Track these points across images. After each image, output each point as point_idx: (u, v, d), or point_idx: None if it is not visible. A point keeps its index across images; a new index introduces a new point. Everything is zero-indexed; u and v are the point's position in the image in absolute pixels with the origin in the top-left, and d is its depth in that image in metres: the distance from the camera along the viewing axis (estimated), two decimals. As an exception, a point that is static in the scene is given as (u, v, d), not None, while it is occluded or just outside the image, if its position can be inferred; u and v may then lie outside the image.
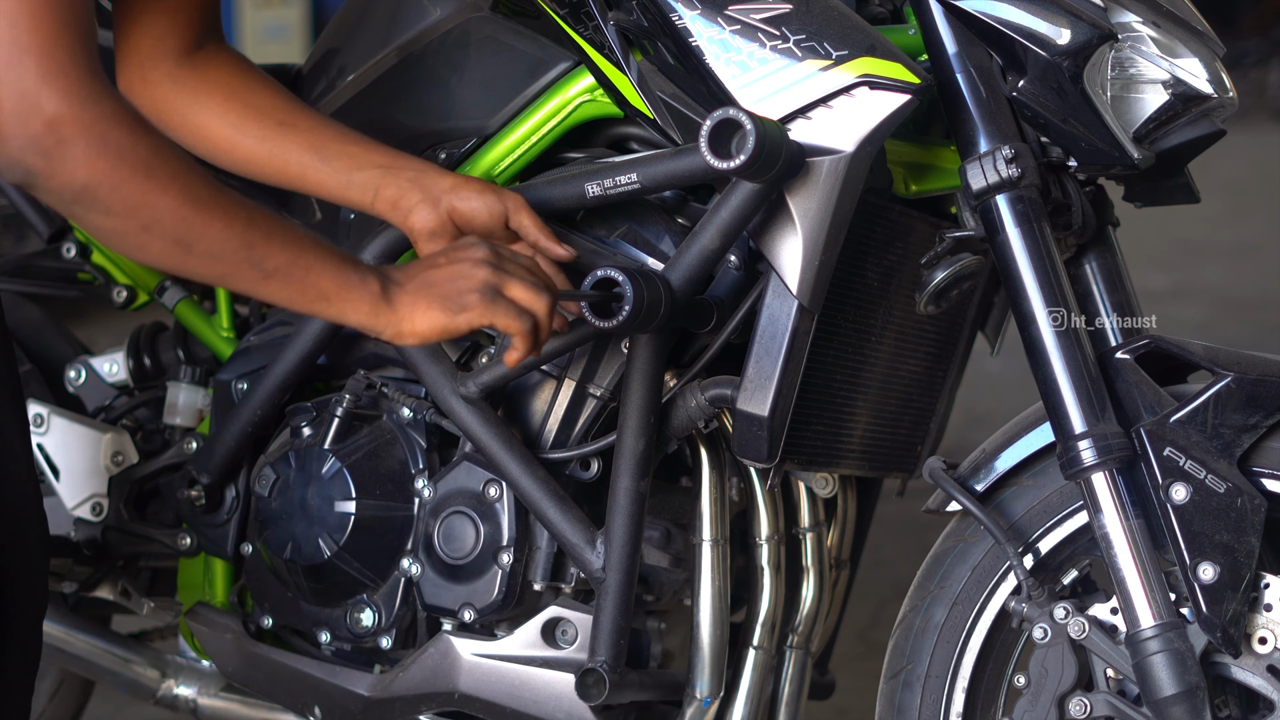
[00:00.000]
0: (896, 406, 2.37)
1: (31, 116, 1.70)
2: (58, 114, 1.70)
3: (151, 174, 1.75)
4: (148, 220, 1.77)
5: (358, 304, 1.92)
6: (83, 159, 1.72)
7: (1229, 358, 2.05)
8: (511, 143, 2.24)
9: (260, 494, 2.33)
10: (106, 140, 1.72)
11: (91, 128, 1.72)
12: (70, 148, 1.71)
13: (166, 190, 1.76)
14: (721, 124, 1.96)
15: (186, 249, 1.80)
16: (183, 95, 2.15)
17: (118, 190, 1.74)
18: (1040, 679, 2.09)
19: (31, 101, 1.69)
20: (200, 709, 2.57)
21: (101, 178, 1.73)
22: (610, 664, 2.15)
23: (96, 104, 1.72)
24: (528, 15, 2.24)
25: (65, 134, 1.71)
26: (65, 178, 1.72)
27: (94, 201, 1.74)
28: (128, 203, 1.75)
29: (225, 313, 2.54)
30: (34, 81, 1.70)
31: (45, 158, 1.71)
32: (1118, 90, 2.08)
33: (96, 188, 1.73)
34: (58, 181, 1.72)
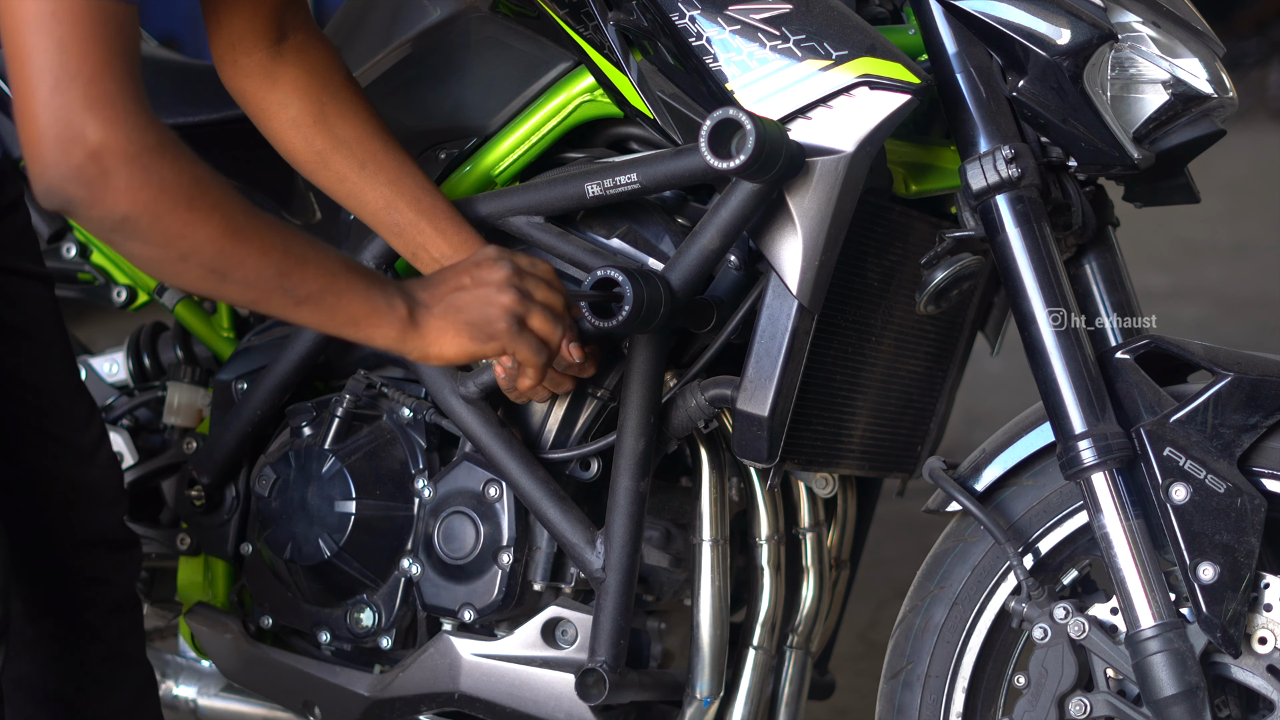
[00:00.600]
0: (896, 406, 2.37)
1: (75, 145, 1.68)
2: (102, 144, 1.69)
3: (193, 206, 1.74)
4: (186, 251, 1.76)
5: (386, 329, 1.93)
6: (124, 190, 1.70)
7: (1229, 358, 2.05)
8: (512, 143, 2.24)
9: (260, 494, 2.33)
10: (149, 172, 1.71)
11: (135, 159, 1.70)
12: (113, 179, 1.70)
13: (207, 221, 1.76)
14: (721, 124, 1.96)
15: (222, 277, 1.80)
16: (273, 97, 2.14)
17: (158, 221, 1.73)
18: (1040, 679, 2.09)
19: (76, 130, 1.68)
20: (200, 709, 2.57)
21: (143, 210, 1.72)
22: (610, 664, 2.15)
23: (142, 134, 1.71)
24: (528, 15, 2.24)
25: (108, 165, 1.69)
26: (106, 208, 1.71)
27: (133, 232, 1.73)
28: (167, 234, 1.74)
29: (225, 313, 2.54)
30: (79, 109, 1.68)
31: (87, 188, 1.70)
32: (1118, 90, 2.08)
33: (138, 219, 1.72)
34: (98, 211, 1.71)
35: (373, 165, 2.15)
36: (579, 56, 2.19)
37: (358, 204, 2.17)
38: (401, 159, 2.17)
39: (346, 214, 2.38)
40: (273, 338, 2.42)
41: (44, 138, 1.68)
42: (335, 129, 2.15)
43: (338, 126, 2.15)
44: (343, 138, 2.15)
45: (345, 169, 2.15)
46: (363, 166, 2.15)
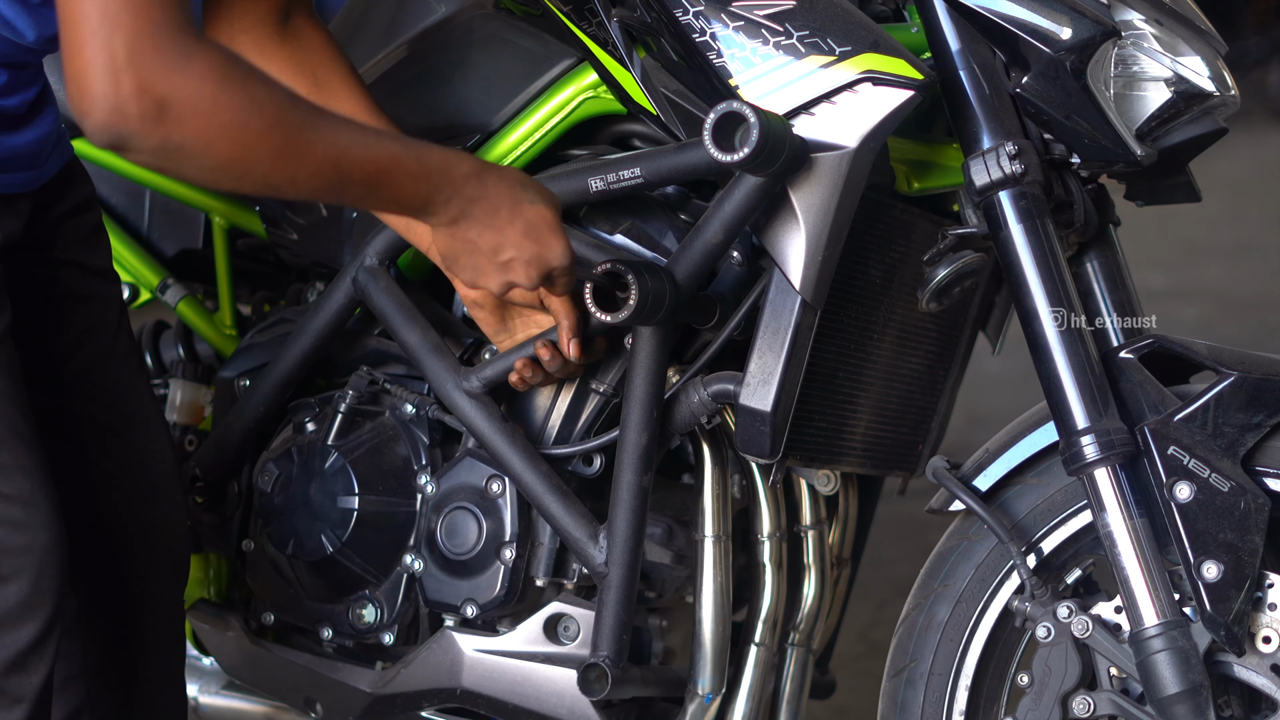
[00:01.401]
0: (898, 404, 2.37)
1: (124, 77, 1.66)
2: (151, 75, 1.67)
3: (247, 130, 1.73)
4: (240, 173, 1.76)
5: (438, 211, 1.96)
6: (175, 121, 1.68)
7: (1233, 357, 2.05)
8: (515, 139, 2.24)
9: (263, 490, 2.33)
10: (200, 100, 1.69)
11: (184, 88, 1.68)
12: (165, 111, 1.68)
13: (259, 145, 1.74)
14: (725, 117, 1.96)
15: (276, 190, 1.82)
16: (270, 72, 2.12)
17: (211, 149, 1.72)
18: (1044, 678, 2.08)
19: (125, 61, 1.66)
20: (202, 707, 2.57)
21: (194, 139, 1.70)
22: (612, 659, 2.15)
23: (190, 63, 1.69)
24: (531, 12, 2.24)
25: (160, 96, 1.67)
26: (158, 139, 1.69)
27: (187, 159, 1.72)
28: (221, 159, 1.73)
29: (227, 310, 2.54)
30: (128, 40, 1.66)
31: (140, 121, 1.67)
32: (1120, 88, 2.08)
33: (190, 148, 1.71)
34: (151, 143, 1.69)
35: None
36: (582, 53, 2.19)
37: None
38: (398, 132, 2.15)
39: (349, 213, 2.38)
40: (275, 335, 2.42)
41: (93, 69, 1.66)
42: (329, 101, 2.13)
43: (332, 101, 2.13)
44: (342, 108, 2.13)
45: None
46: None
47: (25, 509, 1.93)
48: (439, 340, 2.24)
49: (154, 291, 2.56)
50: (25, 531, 1.93)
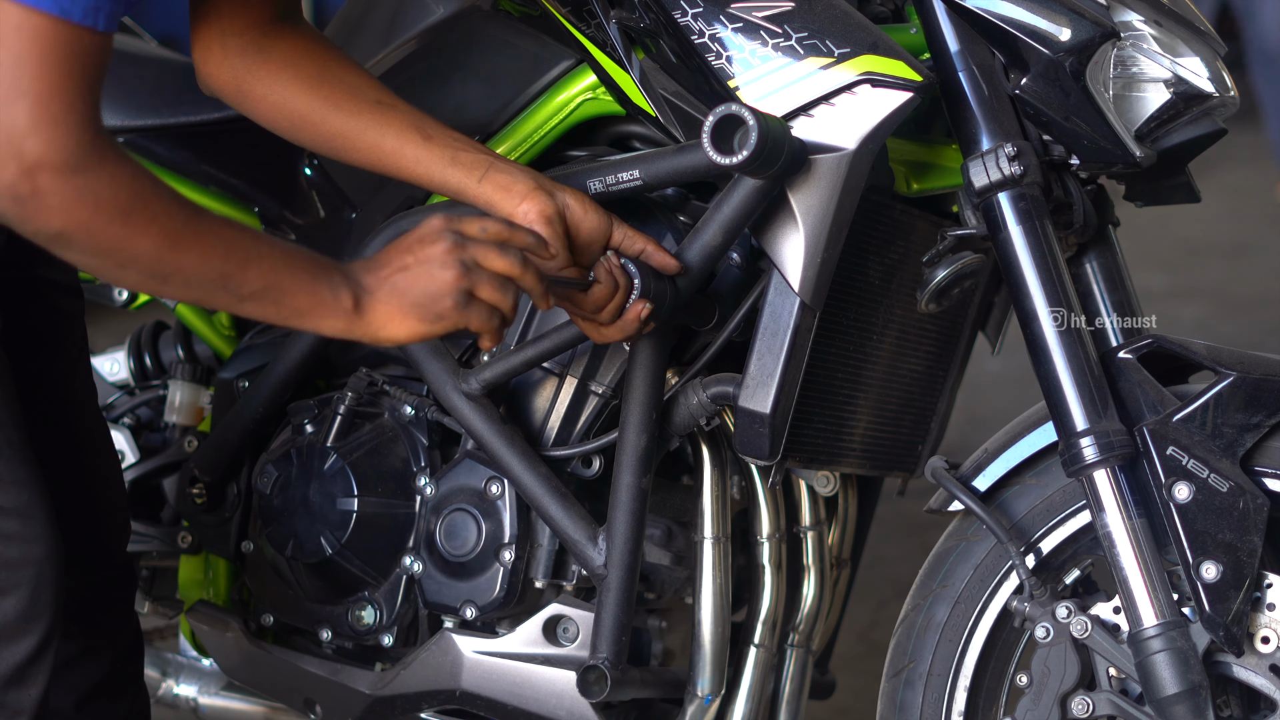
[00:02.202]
0: (898, 405, 2.37)
1: (10, 161, 1.67)
2: (38, 162, 1.67)
3: (129, 221, 1.73)
4: (123, 260, 1.75)
5: (332, 320, 1.88)
6: (58, 208, 1.69)
7: (1232, 357, 2.05)
8: (514, 140, 2.24)
9: (262, 491, 2.33)
10: (85, 191, 1.70)
11: (70, 179, 1.69)
12: (46, 198, 1.68)
13: (144, 234, 1.74)
14: (724, 119, 1.96)
15: (162, 280, 1.79)
16: (268, 65, 2.09)
17: (93, 237, 1.72)
18: (1043, 678, 2.09)
19: (16, 146, 1.66)
20: (201, 708, 2.57)
21: (76, 226, 1.71)
22: (612, 661, 2.15)
23: (82, 154, 1.69)
24: (530, 13, 2.24)
25: (41, 184, 1.68)
26: (39, 224, 1.70)
27: (69, 245, 1.73)
28: (102, 248, 1.73)
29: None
30: (23, 126, 1.66)
31: (19, 204, 1.68)
32: (1119, 89, 2.08)
33: (71, 235, 1.71)
34: (31, 226, 1.70)
35: (388, 99, 2.11)
36: (581, 54, 2.19)
37: (378, 135, 2.10)
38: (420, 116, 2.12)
39: (349, 212, 2.38)
40: (274, 336, 2.42)
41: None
42: (341, 76, 2.11)
43: (342, 74, 2.11)
44: (350, 83, 2.11)
45: (359, 106, 2.10)
46: (378, 102, 2.10)
47: (21, 521, 1.93)
48: (438, 342, 2.24)
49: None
50: (22, 544, 1.93)
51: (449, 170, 2.08)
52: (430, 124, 2.09)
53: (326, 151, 2.13)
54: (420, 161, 2.09)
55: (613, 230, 2.07)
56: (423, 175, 2.09)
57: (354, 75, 2.12)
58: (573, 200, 2.05)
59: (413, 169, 2.09)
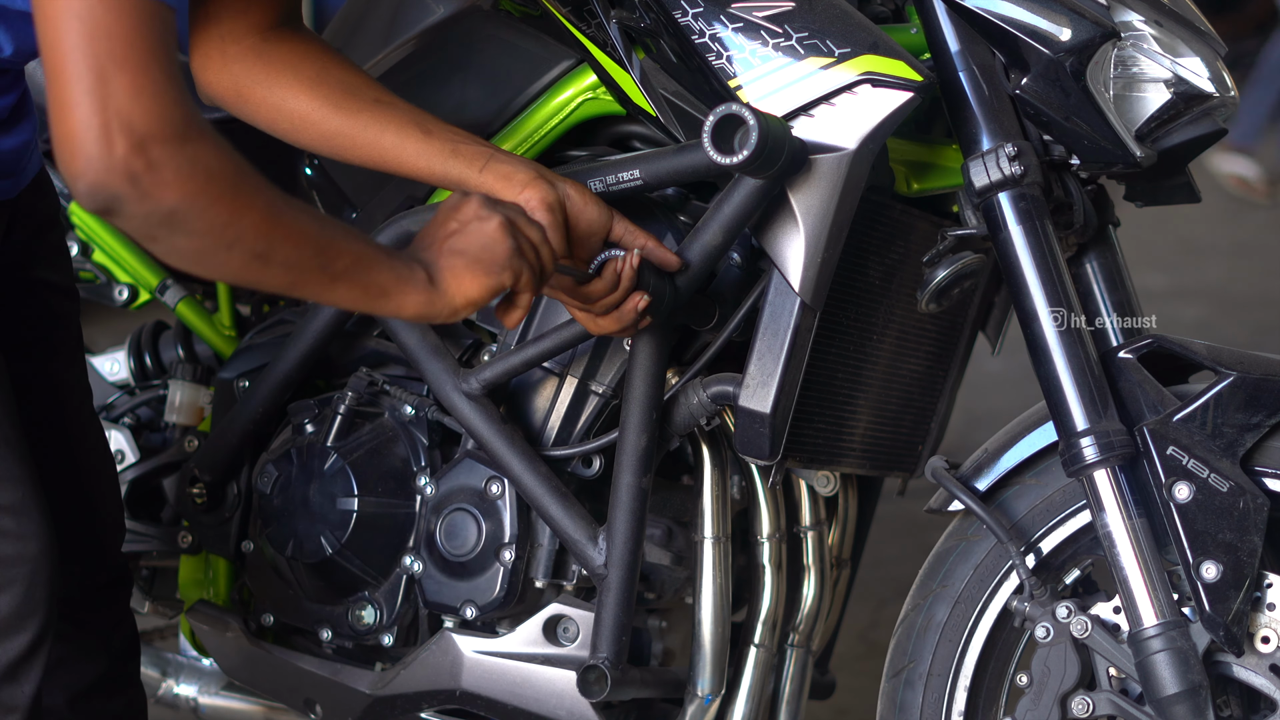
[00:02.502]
0: (898, 405, 2.37)
1: (121, 136, 1.62)
2: (148, 134, 1.63)
3: (238, 193, 1.70)
4: (232, 239, 1.71)
5: (414, 294, 1.88)
6: (173, 182, 1.64)
7: (1232, 357, 2.05)
8: (514, 140, 2.24)
9: (262, 491, 2.33)
10: (196, 161, 1.66)
11: (181, 149, 1.64)
12: (161, 171, 1.64)
13: (251, 207, 1.71)
14: (725, 119, 1.96)
15: (265, 261, 1.75)
16: (268, 69, 2.09)
17: (206, 212, 1.68)
18: (1043, 678, 2.09)
19: (124, 120, 1.62)
20: (201, 708, 2.57)
21: (192, 201, 1.66)
22: (612, 661, 2.15)
23: (187, 124, 1.65)
24: (530, 13, 2.24)
25: (154, 156, 1.63)
26: (153, 203, 1.65)
27: (181, 224, 1.68)
28: (215, 223, 1.69)
29: (226, 311, 2.54)
30: (126, 99, 1.62)
31: (134, 182, 1.63)
32: (1120, 89, 2.08)
33: (186, 211, 1.66)
34: (147, 205, 1.65)
35: (387, 97, 2.12)
36: (581, 54, 2.19)
37: (378, 132, 2.10)
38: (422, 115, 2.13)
39: (349, 212, 2.38)
40: (274, 336, 2.42)
41: (86, 131, 1.62)
42: (339, 77, 2.11)
43: (340, 75, 2.11)
44: (349, 83, 2.11)
45: (358, 104, 2.10)
46: (377, 101, 2.11)
47: (16, 518, 1.93)
48: (438, 341, 2.24)
49: (153, 292, 2.57)
50: (17, 541, 1.93)
51: (450, 163, 2.08)
52: (429, 120, 2.10)
53: (328, 151, 2.13)
54: (421, 156, 2.09)
55: (613, 225, 2.07)
56: (424, 169, 2.09)
57: (352, 75, 2.12)
58: (573, 191, 2.06)
59: (414, 164, 2.09)
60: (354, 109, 2.10)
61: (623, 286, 2.04)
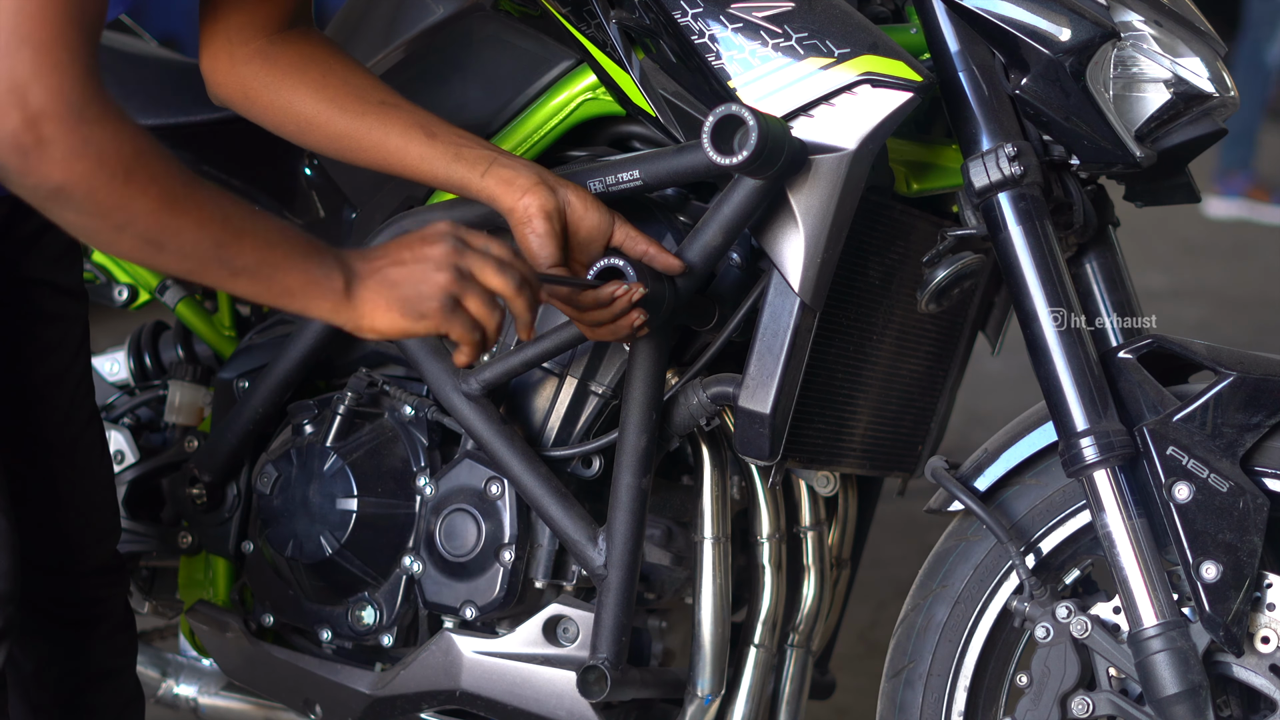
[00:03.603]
0: (897, 405, 2.37)
1: (15, 109, 1.63)
2: (42, 111, 1.63)
3: (130, 178, 1.69)
4: (121, 222, 1.71)
5: (320, 301, 1.86)
6: (60, 160, 1.65)
7: (1232, 357, 2.05)
8: (514, 141, 2.24)
9: (262, 492, 2.33)
10: (89, 142, 1.66)
11: (75, 129, 1.65)
12: (49, 148, 1.64)
13: (144, 194, 1.71)
14: (724, 120, 1.96)
15: (158, 248, 1.75)
16: (274, 72, 2.09)
17: (94, 194, 1.68)
18: (1043, 678, 2.09)
19: (20, 94, 1.62)
20: (201, 708, 2.57)
21: (78, 180, 1.67)
22: (612, 661, 2.15)
23: (85, 105, 1.66)
24: (530, 13, 2.24)
25: (45, 133, 1.64)
26: (40, 177, 1.66)
27: (68, 202, 1.68)
28: (102, 205, 1.69)
29: (226, 311, 2.54)
30: (26, 74, 1.63)
31: (22, 155, 1.64)
32: (1119, 89, 2.08)
33: (72, 190, 1.67)
34: (32, 180, 1.66)
35: (392, 99, 2.12)
36: (581, 55, 2.19)
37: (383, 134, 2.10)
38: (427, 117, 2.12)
39: (349, 212, 2.38)
40: (274, 336, 2.42)
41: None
42: (345, 78, 2.11)
43: (346, 76, 2.11)
44: (355, 84, 2.11)
45: (364, 106, 2.10)
46: (382, 102, 2.11)
47: None
48: (438, 342, 2.24)
49: (153, 292, 2.56)
50: None
51: (453, 166, 2.08)
52: (434, 122, 2.10)
53: (334, 153, 2.13)
54: (425, 159, 2.09)
55: (615, 230, 2.07)
56: (427, 172, 2.09)
57: (359, 77, 2.12)
58: (575, 197, 2.05)
59: (417, 166, 2.09)
60: (359, 111, 2.10)
61: (619, 309, 2.04)
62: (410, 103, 2.12)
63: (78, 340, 2.15)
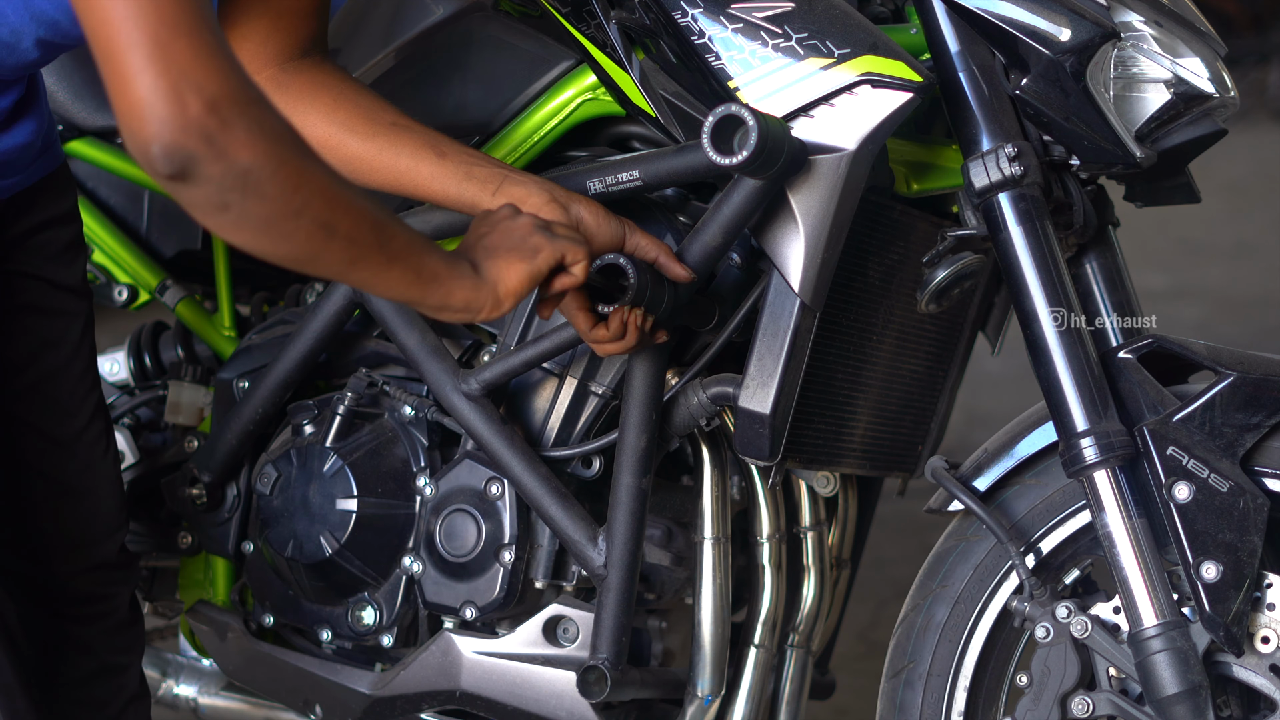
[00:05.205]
0: (897, 405, 2.37)
1: (190, 98, 1.60)
2: (218, 94, 1.61)
3: (305, 157, 1.68)
4: (300, 204, 1.69)
5: (463, 281, 1.88)
6: (245, 140, 1.62)
7: (1232, 357, 2.05)
8: (514, 141, 2.24)
9: (262, 492, 2.33)
10: (263, 122, 1.64)
11: (248, 109, 1.63)
12: (233, 129, 1.62)
13: (318, 171, 1.70)
14: (724, 120, 1.96)
15: (330, 232, 1.73)
16: (286, 98, 2.11)
17: (279, 171, 1.66)
18: (1043, 678, 2.09)
19: (193, 81, 1.60)
20: (201, 708, 2.57)
21: (265, 159, 1.64)
22: (612, 661, 2.15)
23: (249, 86, 1.65)
24: (530, 14, 2.24)
25: (226, 115, 1.61)
26: (229, 161, 1.62)
27: (255, 184, 1.65)
28: (287, 184, 1.67)
29: (226, 311, 2.54)
30: (190, 61, 1.60)
31: (208, 141, 1.61)
32: (1120, 89, 2.08)
33: (260, 169, 1.64)
34: (221, 166, 1.63)
35: (403, 121, 2.13)
36: (581, 55, 2.19)
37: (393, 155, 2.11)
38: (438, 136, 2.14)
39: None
40: (274, 336, 2.42)
41: (154, 95, 1.59)
42: (356, 101, 2.12)
43: (357, 100, 2.13)
44: (365, 107, 2.12)
45: (374, 129, 2.11)
46: (393, 124, 2.12)
47: None
48: (438, 342, 2.24)
49: (153, 292, 2.56)
50: None
51: (464, 185, 2.09)
52: (444, 142, 2.11)
53: (348, 175, 2.12)
54: (435, 179, 2.10)
55: (626, 239, 2.08)
56: (438, 192, 2.10)
57: (369, 100, 2.14)
58: (586, 213, 2.06)
59: (428, 186, 2.10)
60: (369, 133, 2.11)
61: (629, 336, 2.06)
62: (421, 124, 2.13)
63: (77, 337, 2.16)
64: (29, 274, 2.09)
